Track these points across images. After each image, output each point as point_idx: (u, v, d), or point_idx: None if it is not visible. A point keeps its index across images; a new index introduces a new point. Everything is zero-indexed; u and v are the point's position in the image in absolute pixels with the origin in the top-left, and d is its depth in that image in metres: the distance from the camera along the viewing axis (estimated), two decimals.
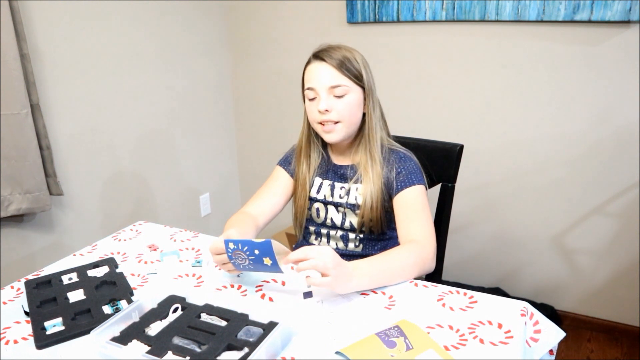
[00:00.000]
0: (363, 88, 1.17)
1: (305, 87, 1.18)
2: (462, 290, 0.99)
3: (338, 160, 1.27)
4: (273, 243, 0.92)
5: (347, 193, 1.23)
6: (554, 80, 1.86)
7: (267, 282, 1.05)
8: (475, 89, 2.00)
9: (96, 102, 1.89)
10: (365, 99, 1.18)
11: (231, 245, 0.95)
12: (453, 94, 2.05)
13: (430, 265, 1.09)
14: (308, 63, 1.19)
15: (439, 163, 1.35)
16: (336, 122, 1.15)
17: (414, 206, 1.15)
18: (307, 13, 2.26)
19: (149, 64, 2.09)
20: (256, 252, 0.93)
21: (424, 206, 1.16)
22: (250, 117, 2.60)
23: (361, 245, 1.26)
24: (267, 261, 0.93)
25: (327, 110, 1.14)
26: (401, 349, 0.82)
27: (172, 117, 2.25)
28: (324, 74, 1.14)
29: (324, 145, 1.30)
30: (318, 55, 1.16)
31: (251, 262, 0.95)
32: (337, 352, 0.81)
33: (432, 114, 2.12)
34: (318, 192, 1.27)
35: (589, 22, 1.73)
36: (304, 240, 1.35)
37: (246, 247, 0.94)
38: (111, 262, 1.14)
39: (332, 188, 1.26)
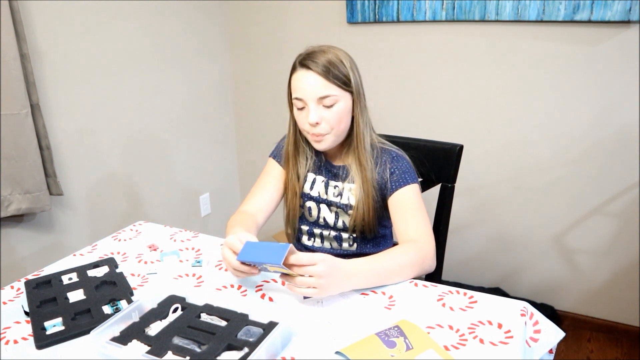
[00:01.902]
0: (351, 93, 1.15)
1: (293, 96, 1.15)
2: (462, 290, 0.99)
3: (331, 159, 1.27)
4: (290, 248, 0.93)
5: (340, 193, 1.23)
6: (554, 80, 1.86)
7: (267, 282, 1.05)
8: (475, 89, 2.00)
9: (96, 102, 1.89)
10: (353, 102, 1.16)
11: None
12: (453, 94, 2.05)
13: (430, 264, 1.09)
14: (294, 70, 1.15)
15: (439, 163, 1.35)
16: (325, 134, 1.14)
17: (410, 205, 1.15)
18: (307, 13, 2.26)
19: (149, 64, 2.09)
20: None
21: (420, 205, 1.16)
22: (250, 117, 2.60)
23: (355, 244, 1.26)
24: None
25: (317, 123, 1.12)
26: (401, 349, 0.82)
27: (172, 117, 2.25)
28: (311, 84, 1.10)
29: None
30: (303, 63, 1.12)
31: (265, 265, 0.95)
32: (337, 352, 0.81)
33: (432, 114, 2.12)
34: (312, 188, 1.27)
35: (589, 22, 1.73)
36: (297, 242, 1.35)
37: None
38: (111, 262, 1.14)
39: (327, 185, 1.25)
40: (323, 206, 1.26)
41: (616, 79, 1.76)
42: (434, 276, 1.25)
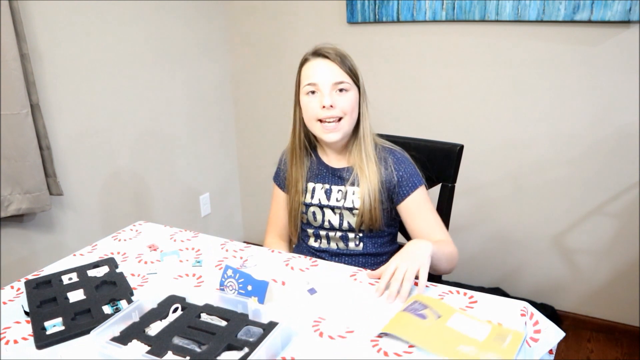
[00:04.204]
0: (359, 88, 1.19)
1: (305, 83, 1.17)
2: (462, 290, 0.99)
3: (333, 163, 1.27)
4: (269, 285, 0.96)
5: (344, 196, 1.23)
6: (554, 80, 1.86)
7: (267, 282, 1.05)
8: (475, 89, 2.00)
9: (96, 102, 1.89)
10: (360, 99, 1.20)
11: (229, 272, 1.00)
12: (453, 94, 2.05)
13: (457, 262, 1.18)
14: (305, 61, 1.18)
15: (439, 163, 1.35)
16: (340, 119, 1.16)
17: (426, 208, 1.21)
18: (307, 13, 2.26)
19: (149, 64, 2.09)
20: (249, 287, 0.97)
21: (432, 205, 1.23)
22: (250, 117, 2.60)
23: (361, 244, 1.26)
24: (254, 299, 0.95)
25: (332, 106, 1.14)
26: (432, 319, 0.86)
27: (172, 117, 2.25)
28: (327, 70, 1.14)
29: (313, 147, 1.29)
30: (319, 53, 1.16)
31: (239, 294, 0.98)
32: (381, 333, 0.84)
33: (432, 114, 2.12)
34: (312, 197, 1.27)
35: (589, 22, 1.73)
36: (303, 243, 1.35)
37: (242, 280, 0.98)
38: (111, 262, 1.14)
39: (329, 192, 1.25)
40: (327, 210, 1.26)
41: (616, 79, 1.76)
42: (434, 276, 1.25)
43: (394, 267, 0.98)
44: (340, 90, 1.15)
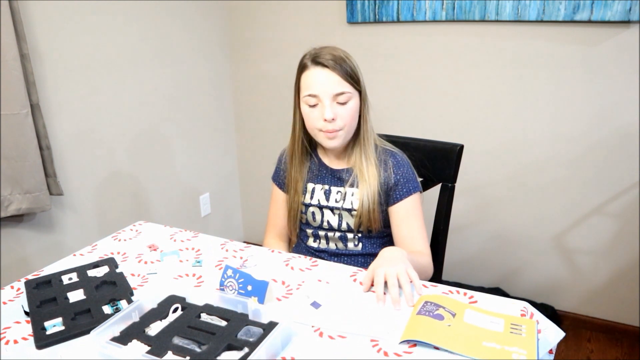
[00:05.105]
0: (360, 92, 1.18)
1: (305, 94, 1.15)
2: (462, 290, 0.99)
3: (333, 164, 1.27)
4: (269, 285, 0.96)
5: (343, 198, 1.23)
6: (554, 80, 1.86)
7: (267, 282, 1.05)
8: (475, 89, 2.00)
9: (96, 102, 1.89)
10: (361, 102, 1.19)
11: (229, 272, 0.99)
12: (453, 94, 2.05)
13: (431, 274, 1.19)
14: (304, 68, 1.16)
15: (439, 163, 1.35)
16: (339, 130, 1.16)
17: (413, 216, 1.21)
18: (307, 13, 2.26)
19: (149, 64, 2.09)
20: (249, 287, 0.97)
21: (421, 214, 1.23)
22: (250, 117, 2.60)
23: (360, 244, 1.27)
24: (254, 299, 0.95)
25: (333, 119, 1.13)
26: (449, 318, 0.86)
27: (172, 117, 2.25)
28: (327, 80, 1.12)
29: (313, 148, 1.29)
30: (318, 61, 1.13)
31: (239, 294, 0.98)
32: (401, 342, 0.83)
33: (432, 114, 2.12)
34: (312, 197, 1.28)
35: (589, 22, 1.73)
36: (302, 243, 1.35)
37: (242, 279, 0.98)
38: (111, 262, 1.14)
39: (328, 192, 1.26)
40: (326, 210, 1.26)
41: (616, 79, 1.76)
42: (434, 276, 1.25)
43: (382, 274, 0.95)
44: (342, 101, 1.14)
